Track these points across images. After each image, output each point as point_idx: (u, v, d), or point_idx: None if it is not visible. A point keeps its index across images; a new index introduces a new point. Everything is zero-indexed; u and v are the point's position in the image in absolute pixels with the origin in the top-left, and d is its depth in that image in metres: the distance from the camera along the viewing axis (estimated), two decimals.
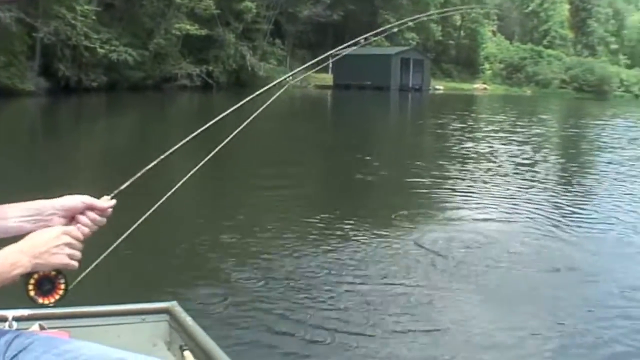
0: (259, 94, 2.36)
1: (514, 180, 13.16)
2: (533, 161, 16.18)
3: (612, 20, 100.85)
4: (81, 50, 38.02)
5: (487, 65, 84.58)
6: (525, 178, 13.31)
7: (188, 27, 46.04)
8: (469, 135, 22.65)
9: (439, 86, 69.67)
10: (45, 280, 1.72)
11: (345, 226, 8.34)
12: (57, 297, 1.74)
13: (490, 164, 15.39)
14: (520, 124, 29.21)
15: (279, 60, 59.81)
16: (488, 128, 26.76)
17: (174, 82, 46.70)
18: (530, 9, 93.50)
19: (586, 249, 7.71)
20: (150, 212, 2.11)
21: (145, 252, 6.51)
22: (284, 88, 2.60)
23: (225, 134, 2.31)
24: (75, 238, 1.74)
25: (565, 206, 10.37)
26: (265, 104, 2.44)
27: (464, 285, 6.26)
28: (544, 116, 36.99)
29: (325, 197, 11.67)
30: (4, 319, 2.57)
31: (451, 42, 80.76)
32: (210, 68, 49.97)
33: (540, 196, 11.29)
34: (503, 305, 5.83)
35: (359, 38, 3.40)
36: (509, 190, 11.82)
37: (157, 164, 1.94)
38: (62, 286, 1.74)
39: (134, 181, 1.90)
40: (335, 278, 6.30)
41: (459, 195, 11.24)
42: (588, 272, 6.84)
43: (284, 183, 11.79)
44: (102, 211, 1.83)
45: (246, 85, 47.28)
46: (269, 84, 2.46)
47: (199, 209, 9.53)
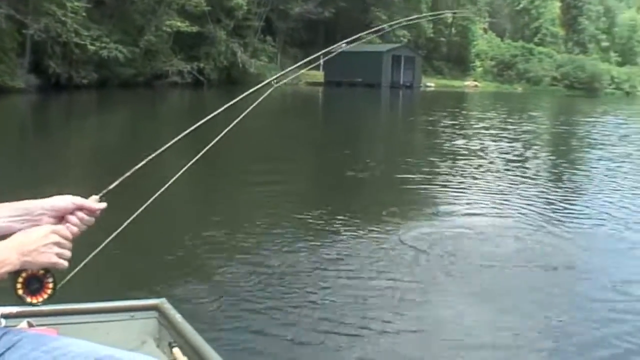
0: (250, 93, 2.36)
1: (505, 176, 13.19)
2: (524, 158, 16.22)
3: (603, 17, 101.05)
4: (71, 47, 37.88)
5: (478, 63, 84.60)
6: (516, 175, 13.35)
7: (179, 24, 45.88)
8: (460, 132, 22.67)
9: (430, 83, 69.66)
10: (33, 279, 1.71)
11: (336, 223, 8.34)
12: (45, 297, 1.73)
13: (481, 161, 15.41)
14: (511, 121, 29.26)
15: (269, 57, 59.69)
16: (479, 125, 26.82)
17: (164, 79, 46.55)
18: (521, 6, 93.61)
19: (578, 245, 7.73)
20: (140, 211, 2.10)
21: (135, 251, 6.48)
22: (272, 88, 2.59)
23: (216, 132, 2.31)
24: (64, 237, 1.74)
25: (557, 202, 10.41)
26: (254, 103, 2.44)
27: (455, 281, 6.28)
28: (534, 113, 37.04)
29: (316, 194, 11.66)
30: None
31: (442, 40, 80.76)
32: (201, 65, 49.84)
33: (531, 192, 11.31)
34: (493, 302, 5.84)
35: (351, 38, 3.38)
36: (499, 187, 11.85)
37: (148, 162, 1.94)
38: (51, 285, 1.73)
39: (123, 180, 1.89)
40: (324, 275, 6.30)
41: (449, 192, 11.26)
42: (580, 268, 6.87)
43: (275, 179, 11.79)
44: (92, 212, 1.83)
45: (237, 82, 47.19)
46: (260, 81, 2.46)
47: (189, 206, 9.52)
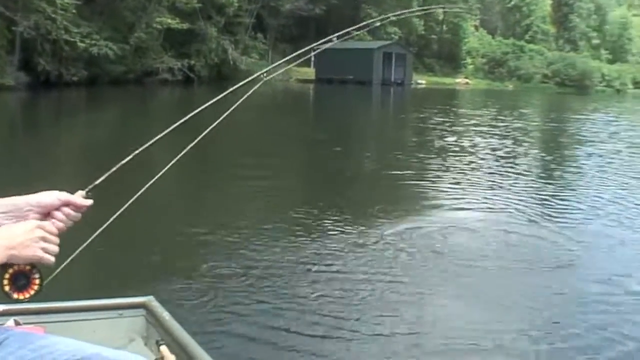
0: (240, 86, 2.35)
1: (496, 173, 13.19)
2: (514, 155, 16.26)
3: (594, 15, 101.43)
4: (61, 44, 37.68)
5: (469, 60, 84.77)
6: (507, 171, 13.37)
7: (169, 21, 45.77)
8: (451, 130, 22.71)
9: (421, 80, 69.77)
10: (20, 275, 1.71)
11: (326, 220, 8.32)
12: (32, 293, 1.73)
13: (471, 158, 15.44)
14: (502, 118, 29.33)
15: (260, 54, 59.66)
16: (470, 122, 26.87)
17: (155, 76, 46.42)
18: (512, 3, 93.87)
19: (568, 241, 7.73)
20: (125, 207, 2.09)
21: (122, 247, 6.47)
22: (262, 81, 2.59)
23: (205, 127, 2.30)
24: (49, 232, 1.73)
25: (547, 199, 10.42)
26: (244, 96, 2.43)
27: (445, 278, 6.27)
28: (525, 111, 37.15)
29: (305, 191, 11.65)
30: None
31: (433, 37, 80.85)
32: (192, 62, 49.75)
33: (522, 189, 11.35)
34: (482, 297, 5.84)
35: (340, 32, 3.37)
36: (490, 184, 11.87)
37: (137, 157, 1.93)
38: (37, 281, 1.73)
39: (112, 175, 1.88)
40: (312, 272, 6.28)
41: (439, 189, 11.27)
42: (570, 264, 6.87)
43: (264, 175, 11.77)
44: (78, 207, 1.82)
45: (228, 79, 47.07)
46: (250, 78, 2.45)
47: (177, 202, 9.49)
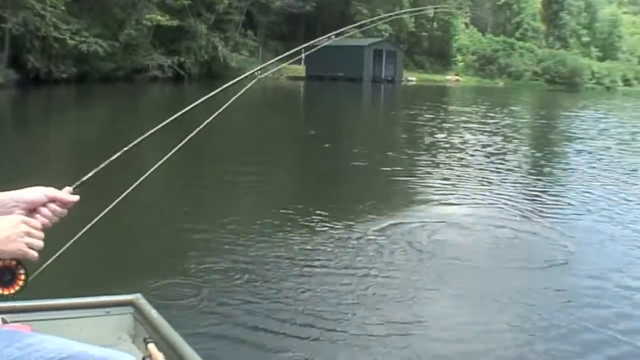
0: (231, 85, 2.34)
1: (485, 170, 13.23)
2: (504, 151, 16.30)
3: (584, 13, 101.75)
4: (51, 41, 37.53)
5: (460, 57, 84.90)
6: (497, 168, 13.42)
7: (159, 18, 45.68)
8: (441, 126, 22.75)
9: (412, 78, 69.88)
10: (5, 271, 1.71)
11: (316, 217, 8.31)
12: (18, 288, 1.73)
13: (461, 154, 15.47)
14: (492, 115, 29.41)
15: (251, 51, 59.55)
16: (460, 119, 26.93)
17: (145, 74, 46.27)
18: (502, 1, 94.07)
19: (558, 237, 7.78)
20: (115, 203, 2.08)
21: (110, 244, 6.46)
22: (254, 80, 2.58)
23: (196, 125, 2.29)
24: (34, 228, 1.72)
25: (537, 195, 10.48)
26: (237, 95, 2.42)
27: (435, 274, 6.28)
28: (515, 107, 37.29)
29: (296, 187, 11.65)
30: None
31: (424, 34, 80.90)
32: (182, 59, 49.58)
33: (512, 185, 11.39)
34: (473, 294, 5.85)
35: (337, 31, 3.35)
36: (480, 180, 11.89)
37: (127, 154, 1.92)
38: (22, 277, 1.73)
39: (100, 172, 1.87)
40: (301, 269, 6.28)
41: (430, 185, 11.27)
42: (560, 259, 6.90)
43: (255, 171, 11.80)
44: (64, 203, 1.81)
45: (218, 77, 47.00)
46: (241, 75, 2.44)
47: (167, 199, 9.47)
